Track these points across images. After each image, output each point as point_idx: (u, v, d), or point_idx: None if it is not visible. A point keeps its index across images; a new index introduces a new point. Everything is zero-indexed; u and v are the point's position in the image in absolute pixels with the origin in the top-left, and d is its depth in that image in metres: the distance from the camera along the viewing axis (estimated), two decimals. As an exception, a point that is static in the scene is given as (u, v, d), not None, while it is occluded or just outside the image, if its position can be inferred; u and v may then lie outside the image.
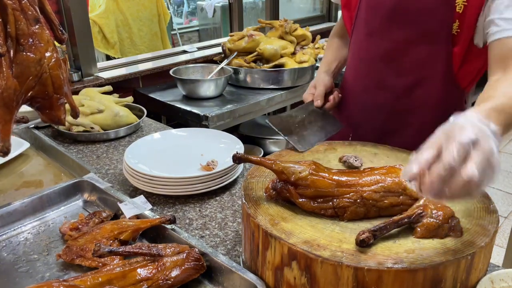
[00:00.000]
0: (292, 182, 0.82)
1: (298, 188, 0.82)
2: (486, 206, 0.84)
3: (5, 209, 1.09)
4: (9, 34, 0.97)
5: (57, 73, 1.06)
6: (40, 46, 1.02)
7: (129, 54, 3.50)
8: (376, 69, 1.26)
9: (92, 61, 2.24)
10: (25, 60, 1.00)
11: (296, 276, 0.75)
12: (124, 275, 0.84)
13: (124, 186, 1.30)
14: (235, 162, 0.87)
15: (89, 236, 0.99)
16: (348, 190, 0.82)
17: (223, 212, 1.17)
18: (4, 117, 1.00)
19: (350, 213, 0.81)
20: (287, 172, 0.83)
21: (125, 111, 1.69)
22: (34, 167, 1.45)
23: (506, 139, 4.28)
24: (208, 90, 2.19)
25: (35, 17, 1.02)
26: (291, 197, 0.84)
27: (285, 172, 0.83)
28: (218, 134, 1.46)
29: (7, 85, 0.98)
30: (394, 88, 1.24)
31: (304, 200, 0.82)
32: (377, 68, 1.26)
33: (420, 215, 0.77)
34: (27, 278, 0.93)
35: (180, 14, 5.99)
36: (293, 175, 0.82)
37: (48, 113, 1.11)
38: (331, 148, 1.07)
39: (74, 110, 1.21)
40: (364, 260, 0.70)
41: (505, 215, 3.12)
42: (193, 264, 0.87)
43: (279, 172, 0.84)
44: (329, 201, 0.82)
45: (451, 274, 0.71)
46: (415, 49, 1.17)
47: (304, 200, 0.82)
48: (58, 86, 1.08)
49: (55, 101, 1.09)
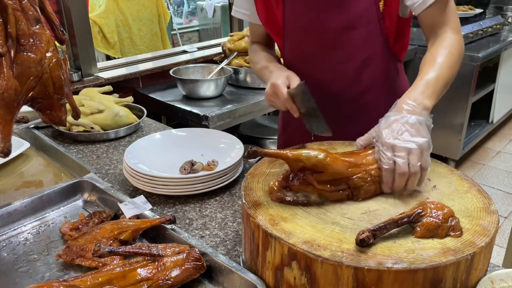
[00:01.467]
0: (309, 167, 0.83)
1: (314, 175, 0.83)
2: (486, 206, 0.84)
3: (5, 209, 1.09)
4: (9, 34, 0.97)
5: (58, 73, 1.06)
6: (41, 46, 1.02)
7: (129, 54, 3.50)
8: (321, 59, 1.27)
9: (92, 61, 2.24)
10: (26, 61, 1.00)
11: (296, 276, 0.75)
12: (124, 275, 0.84)
13: (124, 186, 1.30)
14: (249, 158, 0.85)
15: (89, 236, 0.99)
16: (358, 170, 0.86)
17: (223, 212, 1.17)
18: (5, 117, 1.00)
19: (364, 191, 0.85)
20: (304, 158, 0.82)
21: (125, 111, 1.69)
22: (34, 167, 1.45)
23: (506, 139, 4.29)
24: (208, 90, 2.19)
25: (36, 17, 1.01)
26: (311, 182, 0.83)
27: (301, 158, 0.82)
28: (218, 134, 1.46)
29: (8, 85, 0.98)
30: (343, 74, 1.27)
31: (323, 184, 0.84)
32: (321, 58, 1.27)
33: (419, 215, 0.77)
34: (27, 278, 0.93)
35: (180, 14, 6.00)
36: (310, 159, 0.82)
37: (49, 113, 1.11)
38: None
39: (75, 111, 1.21)
40: (364, 260, 0.70)
41: (505, 215, 3.12)
42: (193, 264, 0.87)
43: (296, 160, 0.83)
44: (343, 182, 0.85)
45: (451, 274, 0.71)
46: (353, 33, 1.21)
47: (323, 184, 0.84)
48: (59, 86, 1.08)
49: (56, 102, 1.09)
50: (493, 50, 3.52)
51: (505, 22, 4.21)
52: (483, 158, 3.93)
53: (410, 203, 0.85)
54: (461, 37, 1.13)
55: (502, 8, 4.68)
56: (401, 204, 0.86)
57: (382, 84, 1.30)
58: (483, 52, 3.37)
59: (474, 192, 0.89)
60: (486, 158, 3.94)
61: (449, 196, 0.87)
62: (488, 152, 4.04)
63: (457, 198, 0.87)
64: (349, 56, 1.25)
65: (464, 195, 0.88)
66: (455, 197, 0.87)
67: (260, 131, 2.80)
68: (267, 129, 2.83)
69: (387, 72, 1.30)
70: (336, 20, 1.21)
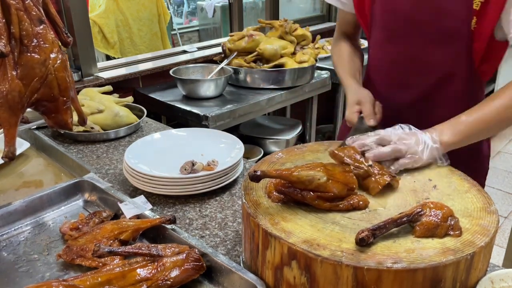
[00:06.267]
0: (311, 189, 0.83)
1: (315, 193, 0.83)
2: (486, 206, 0.84)
3: (5, 209, 1.09)
4: (13, 35, 0.95)
5: (63, 75, 1.03)
6: (45, 46, 1.00)
7: (129, 54, 3.50)
8: (397, 70, 1.26)
9: (92, 61, 2.24)
10: (30, 61, 0.98)
11: (296, 276, 0.75)
12: (123, 275, 0.84)
13: (124, 186, 1.30)
14: (252, 181, 0.84)
15: (89, 236, 0.99)
16: None
17: (223, 212, 1.17)
18: (9, 120, 0.97)
19: (363, 203, 0.85)
20: (306, 181, 0.83)
21: (125, 111, 1.69)
22: (34, 167, 1.45)
23: (506, 139, 4.29)
24: (208, 90, 2.19)
25: (39, 17, 1.00)
26: (306, 201, 0.84)
27: (303, 181, 0.83)
28: (218, 134, 1.46)
29: (12, 87, 0.95)
30: (418, 87, 1.24)
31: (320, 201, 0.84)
32: (398, 69, 1.25)
33: (419, 214, 0.77)
34: (27, 278, 0.93)
35: (180, 14, 6.00)
36: (312, 183, 0.83)
37: (54, 116, 1.08)
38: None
39: (81, 117, 1.18)
40: (363, 259, 0.70)
41: (505, 215, 3.12)
42: (193, 265, 0.87)
43: (298, 182, 0.83)
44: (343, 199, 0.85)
45: (451, 274, 0.71)
46: (436, 49, 1.17)
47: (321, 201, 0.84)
48: (64, 88, 1.05)
49: (61, 104, 1.06)
50: (493, 50, 3.52)
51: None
52: (483, 158, 3.92)
53: (410, 203, 0.85)
54: None
55: (502, 8, 4.67)
56: (400, 204, 0.86)
57: (458, 103, 1.19)
58: (483, 52, 3.36)
59: (474, 192, 0.89)
60: (486, 158, 3.93)
61: (449, 196, 0.87)
62: (488, 152, 4.04)
63: (457, 198, 0.87)
64: (425, 71, 1.21)
65: (464, 195, 0.88)
66: (455, 197, 0.87)
67: (260, 131, 2.80)
68: (267, 129, 2.83)
69: (468, 92, 1.22)
70: (416, 31, 1.17)
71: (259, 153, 2.65)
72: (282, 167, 0.96)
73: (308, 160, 1.00)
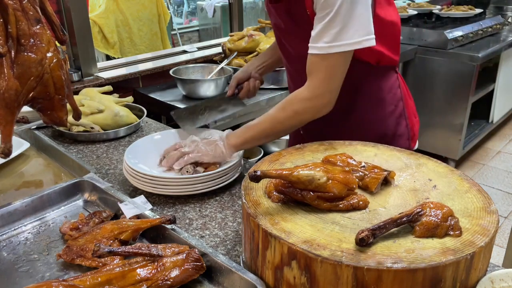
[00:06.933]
0: (311, 189, 0.83)
1: (315, 193, 0.83)
2: (486, 206, 0.84)
3: (5, 209, 1.09)
4: (10, 35, 0.96)
5: (59, 73, 1.06)
6: (41, 46, 1.02)
7: (129, 54, 3.50)
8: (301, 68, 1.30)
9: (92, 61, 2.24)
10: (26, 61, 1.00)
11: (296, 276, 0.75)
12: (123, 275, 0.84)
13: (124, 186, 1.30)
14: (252, 181, 0.85)
15: (89, 236, 0.99)
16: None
17: (223, 212, 1.17)
18: (6, 118, 1.00)
19: (363, 203, 0.84)
20: (305, 181, 0.83)
21: (125, 111, 1.69)
22: (34, 167, 1.45)
23: (506, 139, 4.29)
24: (208, 90, 2.19)
25: (36, 17, 1.01)
26: (306, 201, 0.84)
27: (303, 181, 0.83)
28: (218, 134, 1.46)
29: (8, 85, 0.98)
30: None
31: (320, 201, 0.84)
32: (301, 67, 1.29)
33: (419, 214, 0.77)
34: (27, 278, 0.93)
35: (180, 14, 6.00)
36: (312, 183, 0.83)
37: (50, 114, 1.10)
38: (332, 147, 1.08)
39: (76, 112, 1.20)
40: (363, 259, 0.70)
41: (505, 215, 3.12)
42: (193, 265, 0.87)
43: (298, 182, 0.84)
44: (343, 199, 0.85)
45: (451, 274, 0.71)
46: None
47: (321, 201, 0.84)
48: (60, 86, 1.07)
49: (57, 102, 1.09)
50: (493, 50, 3.52)
51: (505, 22, 4.22)
52: (483, 158, 3.93)
53: (410, 203, 0.86)
54: (314, 94, 1.14)
55: (502, 8, 4.68)
56: (400, 204, 0.86)
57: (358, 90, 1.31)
58: (483, 52, 3.37)
59: (474, 192, 0.89)
60: (486, 158, 3.94)
61: (449, 196, 0.87)
62: (488, 152, 4.04)
63: (457, 198, 0.87)
64: None
65: (464, 195, 0.88)
66: (455, 197, 0.87)
67: (260, 131, 2.79)
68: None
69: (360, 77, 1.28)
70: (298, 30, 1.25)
71: (259, 153, 2.65)
72: (282, 167, 0.96)
73: (308, 160, 1.00)
